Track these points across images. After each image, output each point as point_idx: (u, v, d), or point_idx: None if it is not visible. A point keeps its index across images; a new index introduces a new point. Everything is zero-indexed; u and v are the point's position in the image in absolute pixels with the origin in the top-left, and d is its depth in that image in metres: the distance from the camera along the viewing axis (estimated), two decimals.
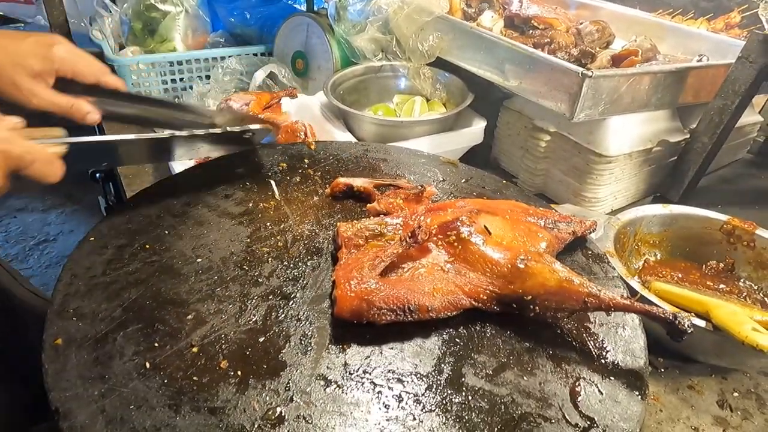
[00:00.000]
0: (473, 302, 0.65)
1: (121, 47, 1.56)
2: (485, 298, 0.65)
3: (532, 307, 0.63)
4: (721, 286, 0.95)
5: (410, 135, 1.22)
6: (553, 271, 0.64)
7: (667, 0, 2.00)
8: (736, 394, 0.81)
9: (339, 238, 0.71)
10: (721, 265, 0.98)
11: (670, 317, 0.61)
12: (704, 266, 0.99)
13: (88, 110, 0.76)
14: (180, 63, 1.49)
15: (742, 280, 0.97)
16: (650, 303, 0.76)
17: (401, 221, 0.72)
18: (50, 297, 0.64)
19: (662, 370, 0.83)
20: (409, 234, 0.65)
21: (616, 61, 1.27)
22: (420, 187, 0.84)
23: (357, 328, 0.62)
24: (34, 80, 0.71)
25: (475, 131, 1.31)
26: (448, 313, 0.64)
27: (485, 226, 0.70)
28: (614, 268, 0.79)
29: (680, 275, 0.98)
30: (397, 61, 1.41)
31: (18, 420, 1.03)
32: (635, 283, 0.83)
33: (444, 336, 0.64)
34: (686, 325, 0.60)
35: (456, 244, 0.67)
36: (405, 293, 0.62)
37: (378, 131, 1.23)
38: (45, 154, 0.63)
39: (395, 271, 0.66)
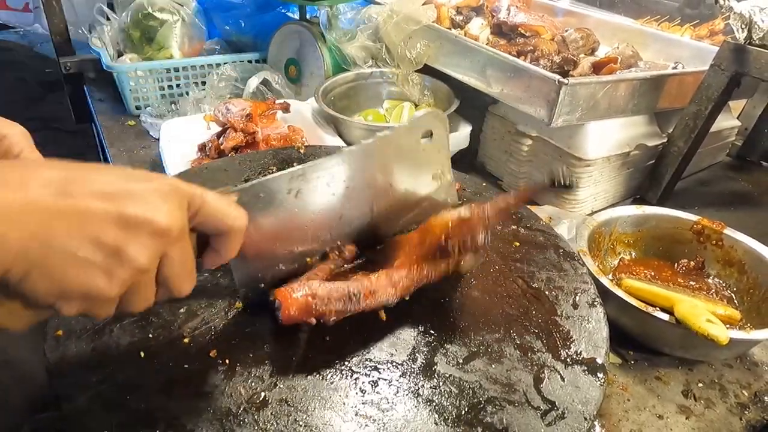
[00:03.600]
0: (407, 272, 0.68)
1: (120, 54, 1.61)
2: (415, 264, 0.68)
3: (456, 249, 0.67)
4: (692, 283, 1.00)
5: None
6: (448, 212, 0.68)
7: (654, 7, 2.06)
8: (700, 385, 0.85)
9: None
10: (692, 263, 1.02)
11: (551, 175, 0.69)
12: (676, 264, 1.04)
13: None
14: (177, 70, 1.54)
15: (711, 278, 1.02)
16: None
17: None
18: None
19: (632, 362, 0.88)
20: (337, 252, 0.71)
21: (597, 67, 1.32)
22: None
23: (338, 323, 0.66)
24: None
25: (461, 136, 1.36)
26: (391, 290, 0.66)
27: None
28: (584, 265, 0.83)
29: (653, 273, 1.03)
30: (386, 68, 1.47)
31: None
32: (606, 280, 0.87)
33: (420, 328, 0.68)
34: (567, 176, 0.68)
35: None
36: (345, 284, 0.64)
37: (367, 136, 1.27)
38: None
39: None
